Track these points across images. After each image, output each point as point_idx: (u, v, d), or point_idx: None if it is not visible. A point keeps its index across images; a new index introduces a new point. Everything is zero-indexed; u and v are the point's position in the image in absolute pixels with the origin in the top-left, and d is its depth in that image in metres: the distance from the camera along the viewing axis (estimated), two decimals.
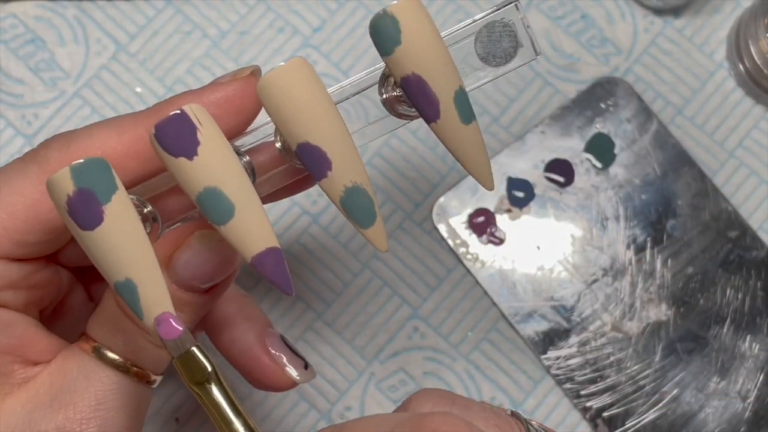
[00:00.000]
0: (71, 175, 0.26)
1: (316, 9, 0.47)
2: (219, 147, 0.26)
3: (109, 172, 0.26)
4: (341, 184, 0.28)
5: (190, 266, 0.29)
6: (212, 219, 0.27)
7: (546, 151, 0.45)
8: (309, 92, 0.27)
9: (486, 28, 0.30)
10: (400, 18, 0.27)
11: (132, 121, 0.29)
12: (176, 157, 0.26)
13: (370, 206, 0.28)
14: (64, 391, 0.29)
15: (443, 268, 0.44)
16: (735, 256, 0.44)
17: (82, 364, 0.29)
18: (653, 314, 0.44)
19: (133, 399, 0.30)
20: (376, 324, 0.44)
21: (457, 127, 0.28)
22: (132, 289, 0.26)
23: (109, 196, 0.26)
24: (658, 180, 0.45)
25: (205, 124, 0.26)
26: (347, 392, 0.43)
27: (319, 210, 0.45)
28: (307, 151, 0.27)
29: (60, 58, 0.46)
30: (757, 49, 0.45)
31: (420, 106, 0.28)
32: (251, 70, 0.30)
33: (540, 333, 0.44)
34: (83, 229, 0.26)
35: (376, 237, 0.28)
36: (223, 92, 0.29)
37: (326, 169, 0.27)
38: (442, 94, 0.28)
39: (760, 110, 0.46)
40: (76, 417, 0.29)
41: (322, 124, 0.27)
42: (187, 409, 0.43)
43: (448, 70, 0.28)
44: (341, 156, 0.27)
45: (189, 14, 0.47)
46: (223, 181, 0.26)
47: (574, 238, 0.45)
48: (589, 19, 0.47)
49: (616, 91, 0.46)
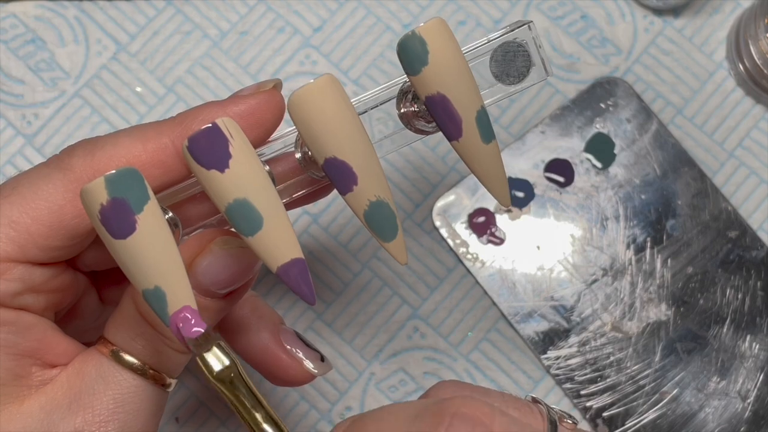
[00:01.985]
0: (105, 185, 0.26)
1: (316, 9, 0.47)
2: (249, 160, 0.27)
3: (142, 182, 0.27)
4: (366, 199, 0.29)
5: (210, 272, 0.30)
6: (241, 230, 0.28)
7: (546, 151, 0.45)
8: (338, 109, 0.28)
9: (501, 47, 0.31)
10: (428, 39, 0.28)
11: (156, 130, 0.30)
12: (208, 169, 0.27)
13: (392, 220, 0.29)
14: (83, 393, 0.29)
15: (443, 268, 0.44)
16: (735, 256, 0.45)
17: (100, 367, 0.30)
18: (653, 314, 0.44)
19: (150, 402, 0.30)
20: (376, 324, 0.44)
21: (477, 145, 0.29)
22: (160, 297, 0.27)
23: (141, 206, 0.26)
24: (657, 180, 0.45)
25: (236, 137, 0.27)
26: (347, 392, 0.43)
27: (319, 210, 0.45)
28: (335, 165, 0.28)
29: (60, 58, 0.46)
30: (757, 49, 0.45)
31: (443, 124, 0.29)
32: (274, 83, 0.31)
33: (540, 333, 0.44)
34: (116, 238, 0.27)
35: (397, 250, 0.30)
36: (246, 105, 0.30)
37: (352, 184, 0.28)
38: (465, 114, 0.29)
39: (760, 110, 0.46)
40: (94, 420, 0.29)
41: (349, 140, 0.28)
42: (187, 409, 0.43)
43: (471, 90, 0.29)
44: (367, 171, 0.28)
45: (189, 14, 0.47)
46: (253, 194, 0.27)
47: (573, 238, 0.45)
48: (589, 19, 0.47)
49: (616, 91, 0.46)
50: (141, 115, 0.45)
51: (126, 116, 0.45)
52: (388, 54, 0.46)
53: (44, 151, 0.45)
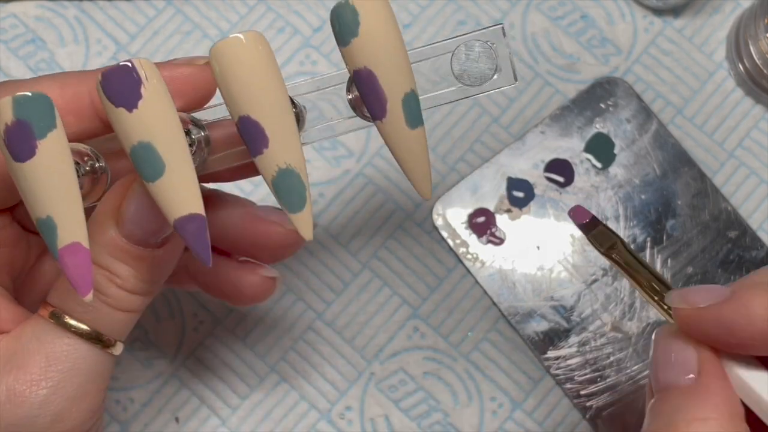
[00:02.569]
0: (12, 104, 0.26)
1: (316, 9, 0.47)
2: (160, 104, 0.27)
3: (51, 110, 0.27)
4: (275, 164, 0.28)
5: (138, 218, 0.29)
6: (142, 174, 0.27)
7: (546, 151, 0.45)
8: (258, 66, 0.27)
9: (465, 45, 0.30)
10: (360, 10, 0.27)
11: (77, 78, 0.30)
12: (117, 107, 0.27)
13: (301, 191, 0.28)
14: (17, 354, 0.29)
15: (443, 268, 0.44)
16: (735, 256, 0.45)
17: (37, 328, 0.30)
18: (653, 314, 0.44)
19: (87, 363, 0.30)
20: (376, 324, 0.44)
21: (401, 129, 0.28)
22: (51, 228, 0.27)
23: (45, 132, 0.26)
24: (657, 180, 0.45)
25: (152, 79, 0.27)
26: (347, 392, 0.43)
27: (319, 210, 0.45)
28: (247, 125, 0.27)
29: (60, 58, 0.46)
30: (757, 49, 0.45)
31: (368, 101, 0.28)
32: (207, 60, 0.30)
33: (540, 333, 0.44)
34: (15, 160, 0.26)
35: (303, 224, 0.28)
36: (170, 72, 0.30)
37: (262, 146, 0.27)
38: (391, 93, 0.28)
39: (760, 110, 0.46)
40: (26, 378, 0.29)
41: (264, 100, 0.27)
42: (188, 409, 0.43)
43: (401, 70, 0.28)
44: (279, 136, 0.27)
45: (189, 14, 0.47)
46: (158, 138, 0.27)
47: (573, 238, 0.45)
48: (589, 19, 0.47)
49: (616, 91, 0.46)
50: None
51: None
52: None
53: None
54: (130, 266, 0.30)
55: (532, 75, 0.46)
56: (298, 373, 0.43)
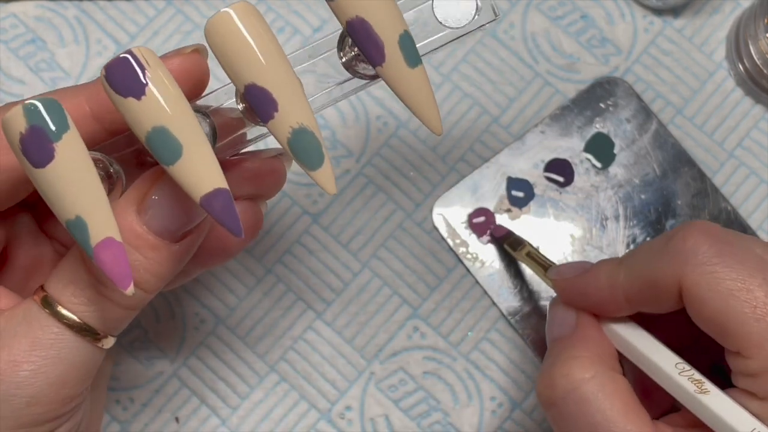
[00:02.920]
0: (24, 112, 0.26)
1: (316, 9, 0.47)
2: (166, 87, 0.27)
3: (61, 111, 0.27)
4: (288, 125, 0.28)
5: (160, 206, 0.29)
6: (161, 159, 0.27)
7: (546, 151, 0.45)
8: (255, 34, 0.27)
9: None
10: None
11: (74, 90, 0.31)
12: (125, 97, 0.27)
13: (317, 147, 0.28)
14: (3, 334, 0.29)
15: (443, 268, 0.44)
16: None
17: (28, 311, 0.30)
18: None
19: (72, 353, 0.30)
20: (376, 324, 0.44)
21: (402, 69, 0.29)
22: (82, 227, 0.27)
23: (60, 134, 0.27)
24: (657, 180, 0.45)
25: (153, 65, 0.27)
26: (347, 392, 0.43)
27: (319, 210, 0.45)
28: (254, 93, 0.28)
29: (60, 58, 0.46)
30: (757, 49, 0.45)
31: (365, 49, 0.29)
32: (195, 47, 0.31)
33: (540, 333, 0.44)
34: (35, 167, 0.27)
35: (325, 179, 0.29)
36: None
37: (273, 111, 0.28)
38: (386, 37, 0.28)
39: (760, 110, 0.46)
40: (8, 358, 0.29)
41: (267, 65, 0.27)
42: (188, 409, 0.43)
43: (392, 13, 0.28)
44: (287, 97, 0.28)
45: (189, 14, 0.47)
46: (171, 121, 0.27)
47: (573, 237, 0.45)
48: (588, 19, 0.47)
49: (616, 91, 0.46)
50: None
51: None
52: None
53: None
54: (144, 256, 0.29)
55: (532, 75, 0.46)
56: (298, 373, 0.43)
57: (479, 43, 0.47)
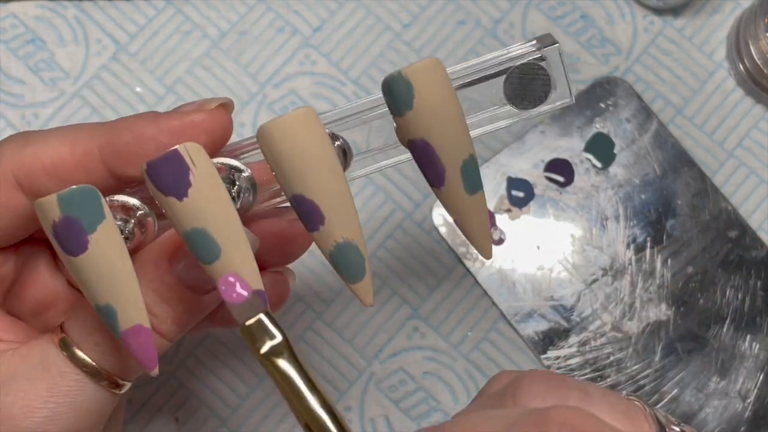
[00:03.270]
0: (58, 202, 0.26)
1: (316, 9, 0.47)
2: (210, 190, 0.26)
3: (98, 201, 0.26)
4: (332, 239, 0.27)
5: (189, 268, 0.29)
6: (198, 257, 0.27)
7: (546, 151, 0.45)
8: (308, 146, 0.26)
9: (519, 69, 0.29)
10: (415, 82, 0.26)
11: (89, 134, 0.29)
12: (166, 196, 0.26)
13: (359, 262, 0.28)
14: (19, 375, 0.29)
15: (443, 268, 0.44)
16: (735, 256, 0.45)
17: (45, 353, 0.29)
18: (653, 314, 0.44)
19: (89, 401, 0.29)
20: (376, 324, 0.44)
21: (461, 196, 0.28)
22: (112, 314, 0.27)
23: (94, 226, 0.26)
24: (657, 180, 0.45)
25: (199, 165, 0.26)
26: (347, 392, 0.43)
27: None
28: (302, 203, 0.27)
29: (60, 58, 0.46)
30: (757, 48, 0.45)
31: (425, 171, 0.28)
32: (220, 102, 0.30)
33: (540, 333, 0.44)
34: (67, 254, 0.26)
35: (363, 292, 0.28)
36: (180, 122, 0.29)
37: (319, 224, 0.27)
38: (449, 163, 0.27)
39: (760, 110, 0.46)
40: (24, 403, 0.28)
41: (318, 179, 0.27)
42: (187, 409, 0.43)
43: (459, 138, 0.27)
44: (335, 212, 0.27)
45: (189, 14, 0.47)
46: (211, 224, 0.26)
47: (573, 237, 0.45)
48: (589, 19, 0.47)
49: (616, 91, 0.46)
50: None
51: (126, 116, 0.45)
52: (387, 54, 0.46)
53: None
54: (170, 307, 0.29)
55: None
56: None
57: (479, 43, 0.47)
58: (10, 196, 0.29)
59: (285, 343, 0.25)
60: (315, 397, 0.24)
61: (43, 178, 0.29)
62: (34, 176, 0.29)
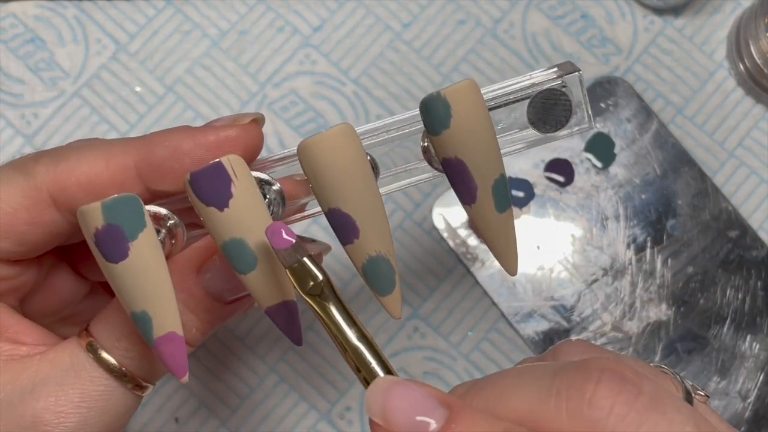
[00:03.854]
0: (102, 210, 0.27)
1: (316, 9, 0.47)
2: (250, 201, 0.27)
3: (140, 209, 0.27)
4: (365, 253, 0.28)
5: (213, 284, 0.30)
6: (235, 267, 0.28)
7: (546, 151, 0.45)
8: (347, 162, 0.27)
9: (542, 94, 0.30)
10: (453, 103, 0.27)
11: (122, 149, 0.30)
12: (207, 206, 0.27)
13: (390, 276, 0.29)
14: (50, 381, 0.29)
15: (443, 268, 0.44)
16: (735, 256, 0.44)
17: (75, 358, 0.29)
18: (653, 314, 0.44)
19: (118, 404, 0.30)
20: (376, 324, 0.44)
21: (490, 213, 0.29)
22: (147, 321, 0.27)
23: (136, 234, 0.27)
24: (658, 180, 0.45)
25: (241, 176, 0.27)
26: (347, 392, 0.43)
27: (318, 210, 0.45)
28: (337, 216, 0.28)
29: (60, 58, 0.46)
30: (757, 48, 0.45)
31: (457, 188, 0.29)
32: (253, 117, 0.30)
33: (540, 333, 0.44)
34: (108, 261, 0.27)
35: (393, 305, 0.29)
36: (216, 137, 0.29)
37: (353, 237, 0.28)
38: (481, 181, 0.28)
39: (760, 110, 0.46)
40: (56, 409, 0.29)
41: (355, 194, 0.28)
42: (187, 409, 0.43)
43: (491, 158, 0.28)
44: (370, 226, 0.28)
45: (189, 14, 0.47)
46: (249, 235, 0.27)
47: (574, 237, 0.45)
48: (589, 19, 0.47)
49: (616, 91, 0.46)
50: (140, 114, 0.45)
51: (125, 116, 0.45)
52: (387, 53, 0.46)
53: None
54: (196, 316, 0.30)
55: None
56: (298, 373, 0.43)
57: (479, 42, 0.47)
58: (43, 211, 0.29)
59: (326, 282, 0.26)
60: (353, 330, 0.26)
61: (79, 194, 0.29)
62: (68, 192, 0.29)
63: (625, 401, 0.23)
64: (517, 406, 0.23)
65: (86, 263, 0.34)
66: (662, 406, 0.23)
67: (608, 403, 0.22)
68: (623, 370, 0.24)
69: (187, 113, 0.46)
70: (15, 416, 0.28)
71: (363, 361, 0.25)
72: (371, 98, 0.46)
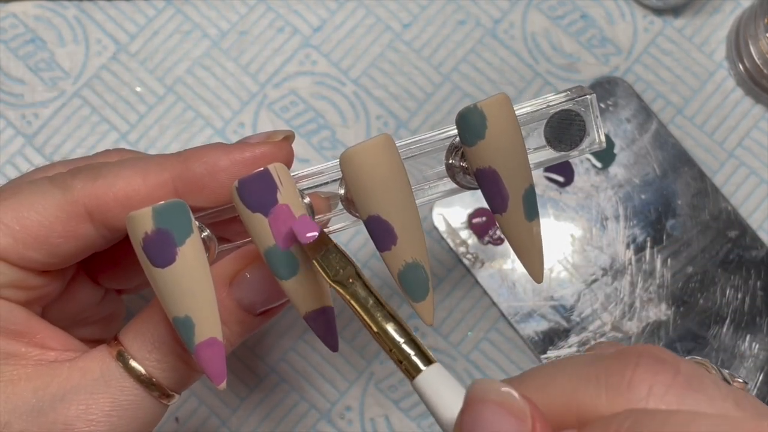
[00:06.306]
0: (152, 215, 0.27)
1: (316, 9, 0.47)
2: (294, 208, 0.28)
3: (188, 215, 0.28)
4: (402, 259, 0.29)
5: (246, 295, 0.30)
6: (276, 273, 0.29)
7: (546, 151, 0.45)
8: (388, 171, 0.29)
9: (558, 114, 0.32)
10: (488, 115, 0.29)
11: (159, 164, 0.30)
12: (253, 212, 0.28)
13: (425, 282, 0.30)
14: (81, 389, 0.29)
15: (443, 268, 0.44)
16: (735, 256, 0.45)
17: (105, 367, 0.30)
18: (653, 314, 0.44)
19: (146, 413, 0.30)
20: None
21: (520, 222, 0.30)
22: (189, 327, 0.28)
23: (184, 239, 0.28)
24: (657, 180, 0.45)
25: (285, 184, 0.28)
26: (347, 392, 0.43)
27: None
28: (376, 223, 0.29)
29: (60, 58, 0.46)
30: (757, 48, 0.45)
31: (490, 197, 0.30)
32: (285, 135, 0.31)
33: (540, 333, 0.44)
34: (155, 266, 0.28)
35: (425, 311, 0.30)
36: (251, 154, 0.30)
37: (391, 243, 0.29)
38: (513, 190, 0.30)
39: (760, 110, 0.46)
40: (87, 417, 0.29)
41: (395, 202, 0.29)
42: (187, 409, 0.43)
43: (523, 168, 0.30)
44: (407, 233, 0.29)
45: (189, 14, 0.47)
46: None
47: (573, 237, 0.45)
48: (589, 19, 0.47)
49: (616, 91, 0.46)
50: (140, 114, 0.45)
51: (125, 116, 0.45)
52: (387, 54, 0.46)
53: (44, 151, 0.45)
54: (228, 328, 0.30)
55: (532, 75, 0.46)
56: (298, 373, 0.43)
57: (479, 42, 0.47)
58: (78, 225, 0.30)
59: (352, 270, 0.27)
60: (380, 313, 0.27)
61: (116, 209, 0.30)
62: (106, 207, 0.30)
63: (663, 381, 0.23)
64: (558, 392, 0.24)
65: (106, 272, 0.35)
66: (700, 384, 0.23)
67: (647, 384, 0.23)
68: (661, 353, 0.24)
69: (187, 113, 0.46)
70: (46, 423, 0.29)
71: (394, 342, 0.26)
72: (371, 98, 0.46)
